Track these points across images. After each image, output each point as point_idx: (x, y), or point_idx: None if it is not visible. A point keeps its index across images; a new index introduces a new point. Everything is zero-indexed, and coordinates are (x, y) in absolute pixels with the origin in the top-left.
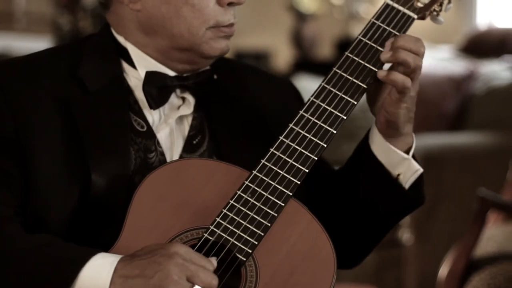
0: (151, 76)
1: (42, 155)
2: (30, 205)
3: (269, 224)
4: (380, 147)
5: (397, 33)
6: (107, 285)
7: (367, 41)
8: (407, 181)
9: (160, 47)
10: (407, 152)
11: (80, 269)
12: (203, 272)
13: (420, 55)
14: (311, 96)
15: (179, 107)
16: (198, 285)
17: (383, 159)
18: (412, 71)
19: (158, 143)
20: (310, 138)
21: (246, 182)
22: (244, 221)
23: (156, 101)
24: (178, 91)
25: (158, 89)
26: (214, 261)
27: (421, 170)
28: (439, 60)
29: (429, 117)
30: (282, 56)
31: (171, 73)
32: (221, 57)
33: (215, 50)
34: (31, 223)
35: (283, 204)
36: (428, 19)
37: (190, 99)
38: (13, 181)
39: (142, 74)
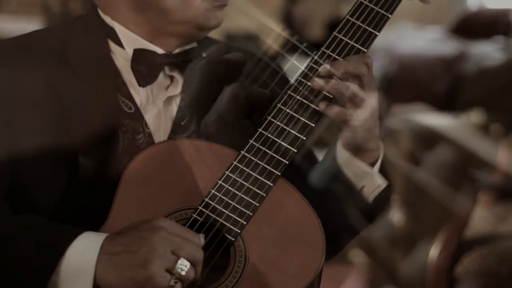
0: (139, 54)
1: (29, 137)
2: (18, 188)
3: (258, 204)
4: (344, 159)
5: (385, 13)
6: (93, 263)
7: (355, 21)
8: (370, 194)
9: (153, 23)
10: (373, 163)
11: (66, 248)
12: (188, 244)
13: (360, 75)
14: (299, 76)
15: (167, 88)
16: (183, 257)
17: (348, 170)
18: (350, 99)
19: (146, 124)
20: (298, 118)
21: (235, 163)
22: (233, 201)
23: (146, 78)
24: (167, 69)
25: (146, 66)
26: (202, 238)
27: (383, 185)
28: (430, 41)
29: (419, 98)
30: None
31: (160, 51)
32: (208, 37)
33: (211, 21)
34: (20, 206)
35: (271, 184)
36: None
37: (179, 78)
38: (0, 164)
39: (130, 53)
